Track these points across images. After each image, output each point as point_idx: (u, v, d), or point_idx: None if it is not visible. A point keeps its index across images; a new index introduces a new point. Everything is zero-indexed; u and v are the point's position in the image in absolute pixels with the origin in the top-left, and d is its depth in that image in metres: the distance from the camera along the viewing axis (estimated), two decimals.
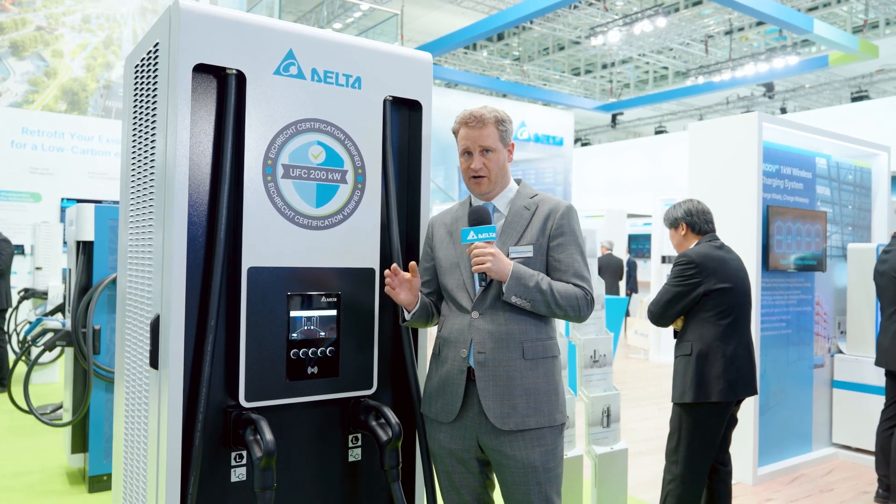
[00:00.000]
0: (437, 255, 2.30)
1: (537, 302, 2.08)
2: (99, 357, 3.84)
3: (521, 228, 2.19)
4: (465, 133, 2.21)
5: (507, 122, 2.23)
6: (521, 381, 2.11)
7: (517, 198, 2.25)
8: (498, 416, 2.09)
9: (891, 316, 4.14)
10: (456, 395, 2.16)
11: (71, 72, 9.96)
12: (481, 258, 2.05)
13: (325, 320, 2.21)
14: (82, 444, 4.07)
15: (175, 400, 1.97)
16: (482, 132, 2.18)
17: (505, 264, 2.06)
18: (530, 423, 2.10)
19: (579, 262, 2.16)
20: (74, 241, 4.04)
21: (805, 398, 5.02)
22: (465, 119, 2.22)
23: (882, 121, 14.42)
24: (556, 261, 2.16)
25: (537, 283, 2.07)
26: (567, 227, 2.18)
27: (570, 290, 2.11)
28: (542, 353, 2.15)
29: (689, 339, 3.11)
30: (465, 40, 14.84)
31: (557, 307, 2.09)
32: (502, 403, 2.10)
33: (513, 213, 2.22)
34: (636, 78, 21.61)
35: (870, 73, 17.41)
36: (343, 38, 2.27)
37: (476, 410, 2.14)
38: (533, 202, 2.23)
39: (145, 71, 2.28)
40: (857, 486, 4.57)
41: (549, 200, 2.23)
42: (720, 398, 2.98)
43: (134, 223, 2.37)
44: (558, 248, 2.16)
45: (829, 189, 5.26)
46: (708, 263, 3.10)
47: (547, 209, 2.20)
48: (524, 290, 2.07)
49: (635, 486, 4.23)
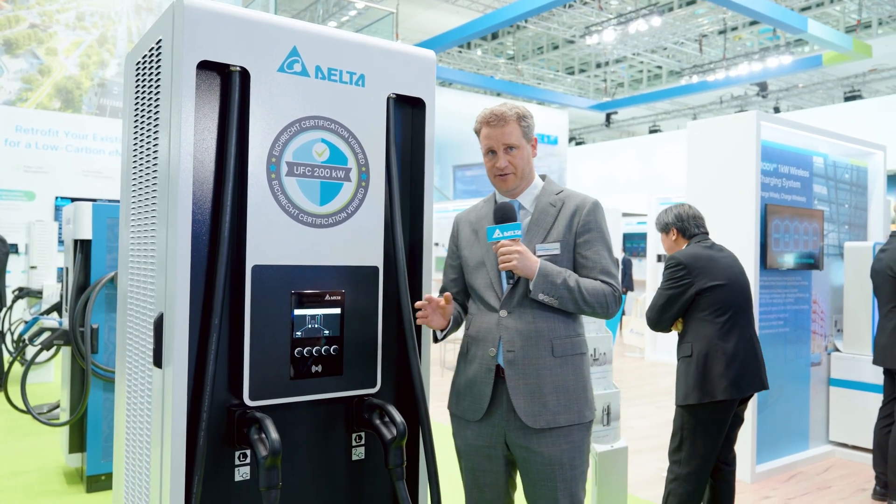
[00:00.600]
0: (462, 254, 2.30)
1: (565, 299, 2.07)
2: (97, 356, 3.82)
3: (547, 226, 2.18)
4: (487, 132, 2.20)
5: (529, 117, 2.22)
6: (550, 379, 2.10)
7: (542, 194, 2.24)
8: (529, 414, 2.09)
9: (887, 314, 4.17)
10: (484, 394, 2.16)
11: (65, 70, 9.90)
12: (508, 256, 2.04)
13: (328, 319, 2.20)
14: (80, 443, 4.05)
15: (179, 399, 1.96)
16: (504, 130, 2.18)
17: (532, 262, 2.05)
18: (561, 420, 2.10)
19: (606, 259, 2.14)
20: (72, 240, 4.02)
21: (802, 396, 5.05)
22: (486, 118, 2.21)
23: (875, 120, 14.49)
24: (583, 257, 2.14)
25: (564, 280, 2.06)
26: (594, 223, 2.16)
27: (598, 287, 2.09)
28: (570, 350, 2.14)
29: (688, 340, 3.12)
30: (459, 39, 14.83)
31: (585, 304, 2.08)
32: (533, 401, 2.09)
33: (539, 211, 2.21)
34: (630, 77, 21.65)
35: (863, 72, 17.50)
36: (347, 36, 2.26)
37: (504, 408, 2.14)
38: (559, 198, 2.21)
39: (147, 68, 2.27)
40: (854, 483, 4.59)
41: (575, 196, 2.21)
42: (725, 396, 2.98)
43: (135, 221, 2.36)
44: (585, 245, 2.15)
45: (826, 188, 5.29)
46: (696, 263, 3.12)
47: (573, 205, 2.18)
48: (551, 288, 2.06)
49: (634, 484, 4.24)
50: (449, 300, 2.15)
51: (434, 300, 2.14)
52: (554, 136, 19.20)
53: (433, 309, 2.15)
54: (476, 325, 2.21)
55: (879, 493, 4.26)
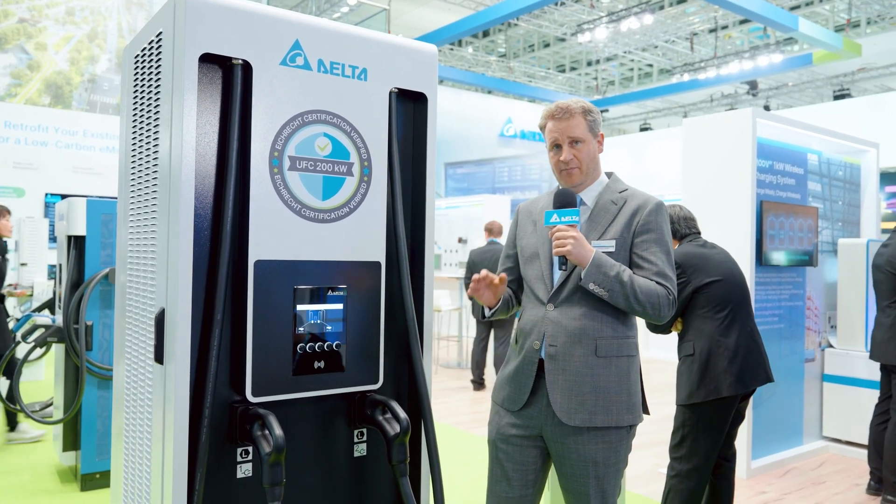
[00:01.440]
0: (519, 244, 2.29)
1: (615, 293, 2.04)
2: (91, 353, 3.79)
3: (606, 223, 2.16)
4: (552, 126, 2.18)
5: (595, 112, 2.20)
6: (591, 378, 2.08)
7: (605, 191, 2.22)
8: (564, 410, 2.08)
9: (885, 309, 4.19)
10: (525, 385, 2.16)
11: (55, 65, 9.81)
12: (562, 241, 2.02)
13: (331, 314, 2.19)
14: (74, 441, 4.01)
15: (182, 395, 1.94)
16: (570, 123, 2.16)
17: (587, 250, 2.03)
18: (597, 420, 2.08)
19: (663, 261, 2.11)
20: (65, 236, 3.98)
21: (796, 392, 5.07)
22: (551, 112, 2.19)
23: (865, 118, 14.60)
24: (640, 258, 2.12)
25: (618, 273, 2.03)
26: (654, 224, 2.14)
27: (652, 287, 2.06)
28: (616, 351, 2.12)
29: (689, 339, 3.12)
30: (451, 36, 14.80)
31: (636, 301, 2.04)
32: (570, 398, 2.08)
33: (599, 207, 2.19)
34: (620, 75, 21.70)
35: (851, 71, 17.62)
36: (349, 29, 2.25)
37: (544, 402, 2.14)
38: (621, 196, 2.19)
39: (147, 61, 2.24)
40: (848, 478, 4.62)
41: (638, 196, 2.19)
42: (730, 392, 2.99)
43: (135, 217, 2.34)
44: (642, 245, 2.12)
45: (821, 185, 5.32)
46: (690, 261, 3.13)
47: (635, 205, 2.16)
48: (603, 279, 2.02)
49: (631, 479, 4.25)
50: (503, 281, 2.15)
51: (489, 276, 2.13)
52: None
53: (486, 284, 2.14)
54: (525, 317, 2.21)
55: (874, 489, 4.29)
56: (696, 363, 3.06)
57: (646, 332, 9.66)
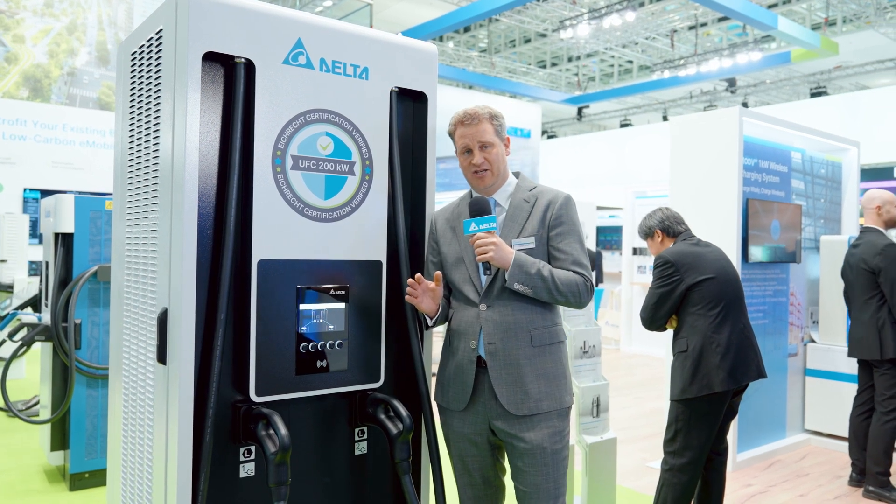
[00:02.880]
0: (441, 251, 2.36)
1: (539, 288, 2.15)
2: (79, 352, 3.75)
3: (521, 221, 2.26)
4: (462, 132, 2.28)
5: (501, 117, 2.31)
6: (531, 368, 2.19)
7: (517, 191, 2.32)
8: (512, 402, 2.18)
9: (862, 307, 4.28)
10: (467, 384, 2.24)
11: (33, 58, 9.61)
12: (484, 248, 2.11)
13: (333, 314, 2.19)
14: (62, 441, 3.97)
15: (185, 395, 1.93)
16: (479, 128, 2.25)
17: (507, 253, 2.13)
18: (543, 406, 2.19)
19: (578, 251, 2.24)
20: (52, 233, 3.92)
21: (779, 386, 5.16)
22: (460, 118, 2.28)
23: (842, 116, 14.84)
24: (556, 250, 2.23)
25: (539, 270, 2.14)
26: (566, 216, 2.26)
27: (571, 277, 2.18)
28: (548, 339, 2.24)
29: (683, 336, 3.17)
30: (433, 32, 14.78)
31: (559, 293, 2.16)
32: (515, 390, 2.18)
33: (513, 207, 2.29)
34: (601, 72, 21.81)
35: (828, 69, 17.87)
36: (351, 28, 2.25)
37: (487, 397, 2.22)
38: (532, 194, 2.30)
39: (146, 59, 2.22)
40: (830, 470, 4.72)
41: (547, 192, 2.30)
42: (722, 387, 3.03)
43: (133, 215, 2.32)
44: (558, 238, 2.24)
45: (804, 183, 5.40)
46: (684, 259, 3.18)
47: (546, 200, 2.27)
48: (526, 277, 2.13)
49: (620, 474, 4.30)
50: (439, 280, 2.19)
51: (424, 282, 2.17)
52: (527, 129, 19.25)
53: (423, 291, 2.18)
54: (457, 319, 2.28)
55: (855, 480, 4.38)
56: (689, 359, 3.11)
57: (629, 326, 9.78)
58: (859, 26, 15.83)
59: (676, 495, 3.11)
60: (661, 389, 6.88)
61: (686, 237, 3.32)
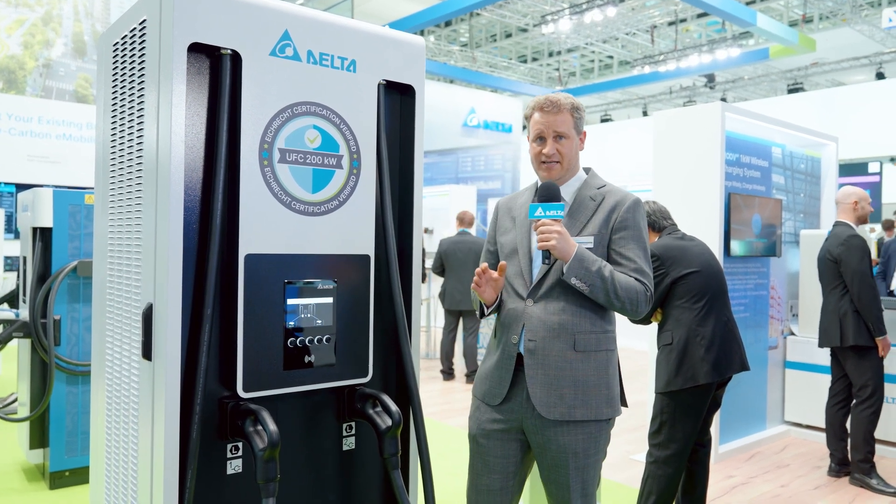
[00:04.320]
0: (499, 240, 2.30)
1: (596, 288, 2.05)
2: (59, 349, 3.69)
3: (584, 219, 2.18)
4: (538, 118, 2.19)
5: (582, 109, 2.22)
6: (570, 373, 2.10)
7: (584, 187, 2.23)
8: (544, 404, 2.10)
9: (826, 297, 4.37)
10: (504, 380, 2.18)
11: (7, 49, 9.41)
12: (548, 235, 2.03)
13: (321, 308, 2.17)
14: (41, 439, 3.90)
15: (172, 392, 1.91)
16: (557, 118, 2.16)
17: (570, 244, 2.04)
18: (577, 414, 2.10)
19: (641, 259, 2.14)
20: (30, 228, 3.85)
21: (760, 379, 5.23)
22: (540, 104, 2.19)
23: (818, 111, 15.04)
24: (618, 255, 2.14)
25: (599, 269, 2.05)
26: (632, 221, 2.16)
27: (632, 284, 2.09)
28: (594, 345, 2.14)
29: (668, 329, 3.19)
30: (415, 26, 14.73)
31: (616, 297, 2.07)
32: (549, 393, 2.10)
33: (578, 203, 2.20)
34: (581, 67, 21.88)
35: (805, 65, 18.09)
36: (338, 20, 2.22)
37: (523, 396, 2.16)
38: (599, 193, 2.21)
39: (128, 50, 2.18)
40: (810, 461, 4.79)
41: (616, 192, 2.21)
42: (706, 380, 3.06)
43: (115, 209, 2.28)
44: (620, 242, 2.14)
45: (784, 177, 5.46)
46: (669, 253, 3.20)
47: (613, 201, 2.18)
48: (586, 273, 2.04)
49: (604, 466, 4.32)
50: (503, 271, 2.14)
51: (489, 272, 2.13)
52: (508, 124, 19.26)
53: (486, 280, 2.13)
54: (504, 312, 2.22)
55: (834, 470, 4.45)
56: (673, 352, 3.13)
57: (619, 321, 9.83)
58: (835, 23, 16.04)
59: (662, 487, 3.13)
60: (644, 382, 6.93)
61: (671, 231, 3.34)
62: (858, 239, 4.24)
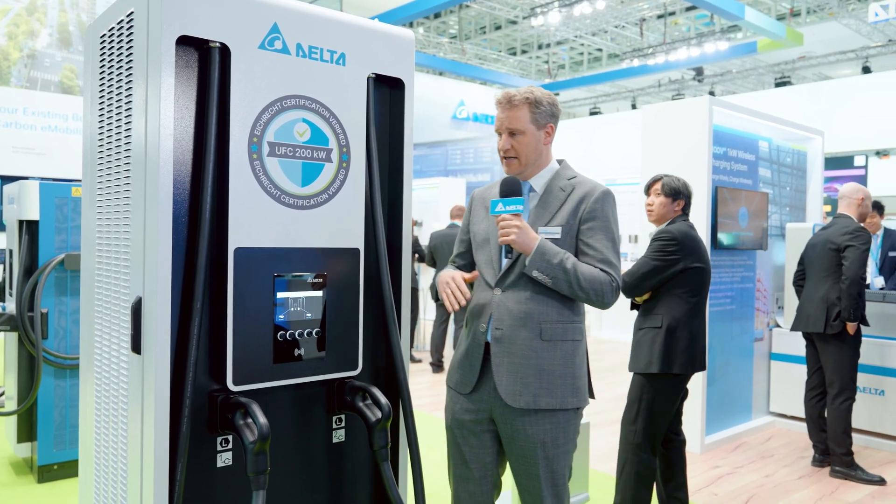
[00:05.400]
0: (472, 230, 2.33)
1: (559, 280, 2.08)
2: (47, 342, 3.67)
3: (553, 209, 2.19)
4: (497, 113, 2.24)
5: (545, 103, 2.21)
6: (535, 361, 2.13)
7: (555, 178, 2.25)
8: (509, 392, 2.13)
9: (816, 284, 4.40)
10: (474, 368, 2.21)
11: None
12: (507, 230, 2.06)
13: (311, 301, 2.18)
14: (29, 432, 3.89)
15: (161, 385, 1.91)
16: (510, 113, 2.19)
17: (531, 238, 2.07)
18: (542, 403, 2.13)
19: (608, 249, 2.15)
20: (16, 221, 3.83)
21: (746, 370, 5.28)
22: (498, 100, 2.24)
23: (805, 105, 15.13)
24: (585, 245, 2.16)
25: (561, 261, 2.07)
26: (600, 211, 2.17)
27: (596, 274, 2.10)
28: (561, 335, 2.16)
29: (659, 313, 3.21)
30: (404, 18, 14.67)
31: (580, 289, 2.08)
32: (514, 381, 2.13)
33: (547, 193, 2.22)
34: (570, 59, 21.89)
35: (792, 59, 18.17)
36: (328, 13, 2.22)
37: (491, 385, 2.18)
38: (570, 184, 2.23)
39: (115, 42, 2.17)
40: (794, 451, 4.85)
41: (585, 184, 2.22)
42: (682, 371, 3.15)
43: (104, 203, 2.27)
44: (588, 233, 2.16)
45: (770, 171, 5.50)
46: (688, 243, 3.20)
47: (582, 192, 2.19)
48: (547, 266, 2.07)
49: (593, 457, 4.36)
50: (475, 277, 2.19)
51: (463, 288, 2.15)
52: None
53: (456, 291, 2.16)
54: (474, 301, 2.25)
55: (818, 460, 4.52)
56: (659, 336, 3.17)
57: (598, 313, 9.89)
58: (823, 17, 16.12)
59: (641, 470, 3.18)
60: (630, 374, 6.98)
61: (685, 218, 3.36)
62: (867, 234, 4.28)
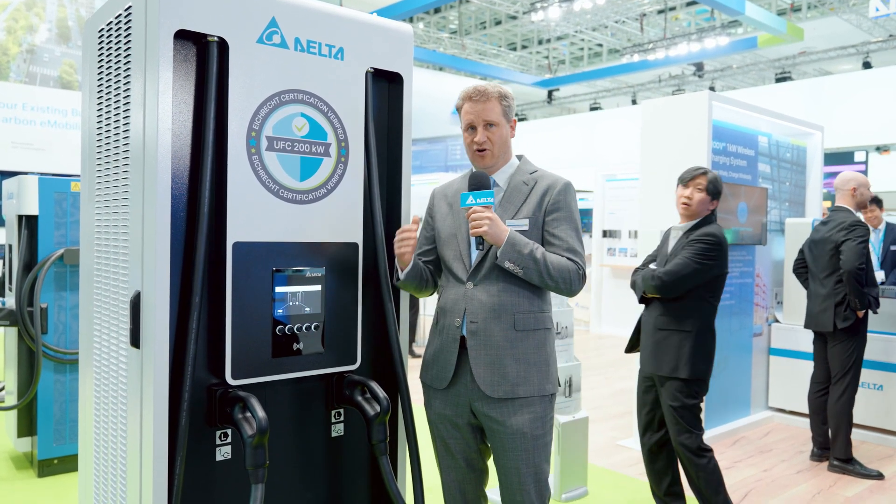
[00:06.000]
0: (436, 226, 2.36)
1: (530, 270, 2.13)
2: (46, 337, 3.68)
3: (518, 202, 2.25)
4: (468, 107, 2.25)
5: (510, 98, 2.28)
6: (511, 351, 2.18)
7: (517, 173, 2.31)
8: (488, 383, 2.17)
9: (821, 281, 4.39)
10: (449, 363, 2.24)
11: None
12: (479, 221, 2.09)
13: (309, 296, 2.18)
14: (29, 427, 3.90)
15: (161, 379, 1.91)
16: (486, 106, 2.22)
17: (501, 229, 2.11)
18: (519, 391, 2.18)
19: (573, 238, 2.22)
20: (15, 216, 3.83)
21: (745, 365, 5.29)
22: (469, 94, 2.25)
23: (805, 100, 15.11)
24: (551, 235, 2.22)
25: (531, 251, 2.13)
26: (563, 202, 2.24)
27: (564, 263, 2.17)
28: (533, 324, 2.22)
29: (689, 316, 3.15)
30: (404, 13, 14.65)
31: (549, 278, 2.14)
32: (492, 372, 2.17)
33: (511, 188, 2.27)
34: (570, 55, 21.85)
35: (793, 55, 18.14)
36: (326, 8, 2.22)
37: (468, 378, 2.22)
38: (532, 177, 2.29)
39: (114, 37, 2.17)
40: (793, 446, 4.86)
41: (547, 177, 2.29)
42: (705, 376, 3.18)
43: (103, 197, 2.27)
44: (553, 223, 2.22)
45: (770, 166, 5.50)
46: (726, 248, 3.17)
47: (545, 185, 2.26)
48: (518, 257, 2.11)
49: (591, 452, 4.37)
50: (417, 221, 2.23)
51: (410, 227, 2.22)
52: None
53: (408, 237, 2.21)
54: (445, 297, 2.29)
55: (816, 455, 4.52)
56: (689, 339, 3.13)
57: (598, 308, 9.90)
58: (823, 13, 16.09)
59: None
60: (630, 369, 6.99)
61: (715, 218, 3.31)
62: (864, 227, 4.25)
